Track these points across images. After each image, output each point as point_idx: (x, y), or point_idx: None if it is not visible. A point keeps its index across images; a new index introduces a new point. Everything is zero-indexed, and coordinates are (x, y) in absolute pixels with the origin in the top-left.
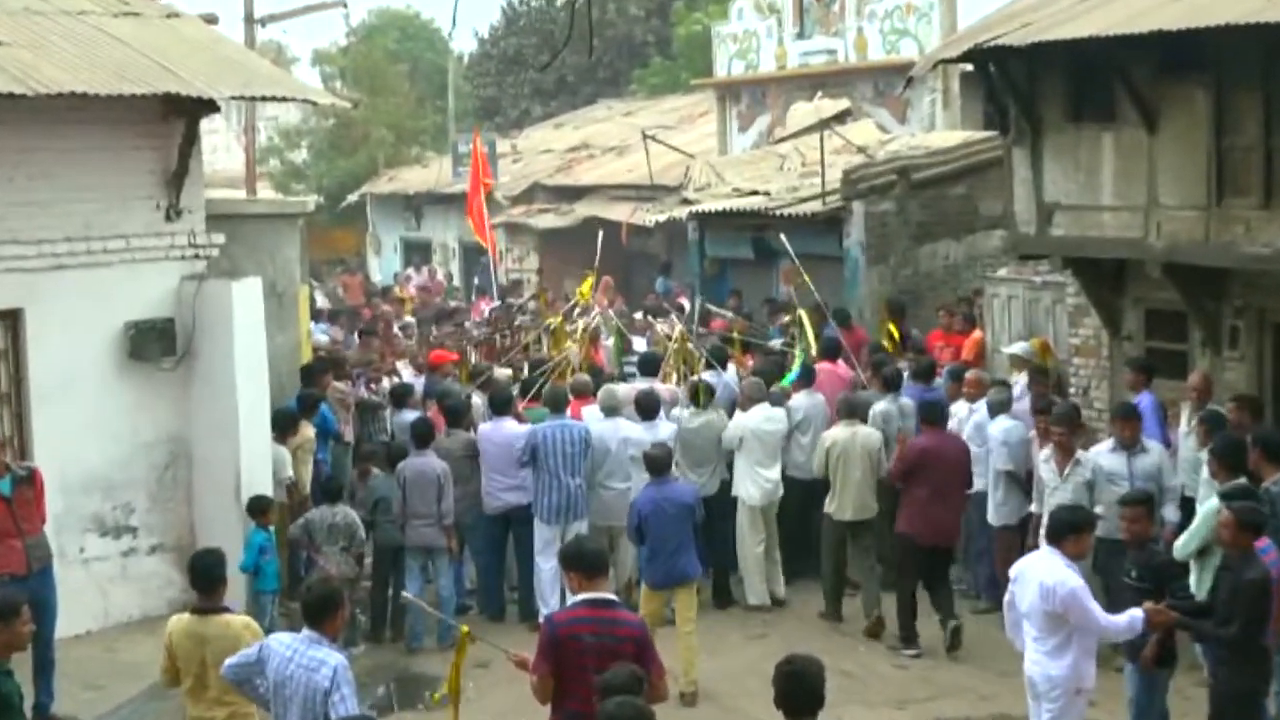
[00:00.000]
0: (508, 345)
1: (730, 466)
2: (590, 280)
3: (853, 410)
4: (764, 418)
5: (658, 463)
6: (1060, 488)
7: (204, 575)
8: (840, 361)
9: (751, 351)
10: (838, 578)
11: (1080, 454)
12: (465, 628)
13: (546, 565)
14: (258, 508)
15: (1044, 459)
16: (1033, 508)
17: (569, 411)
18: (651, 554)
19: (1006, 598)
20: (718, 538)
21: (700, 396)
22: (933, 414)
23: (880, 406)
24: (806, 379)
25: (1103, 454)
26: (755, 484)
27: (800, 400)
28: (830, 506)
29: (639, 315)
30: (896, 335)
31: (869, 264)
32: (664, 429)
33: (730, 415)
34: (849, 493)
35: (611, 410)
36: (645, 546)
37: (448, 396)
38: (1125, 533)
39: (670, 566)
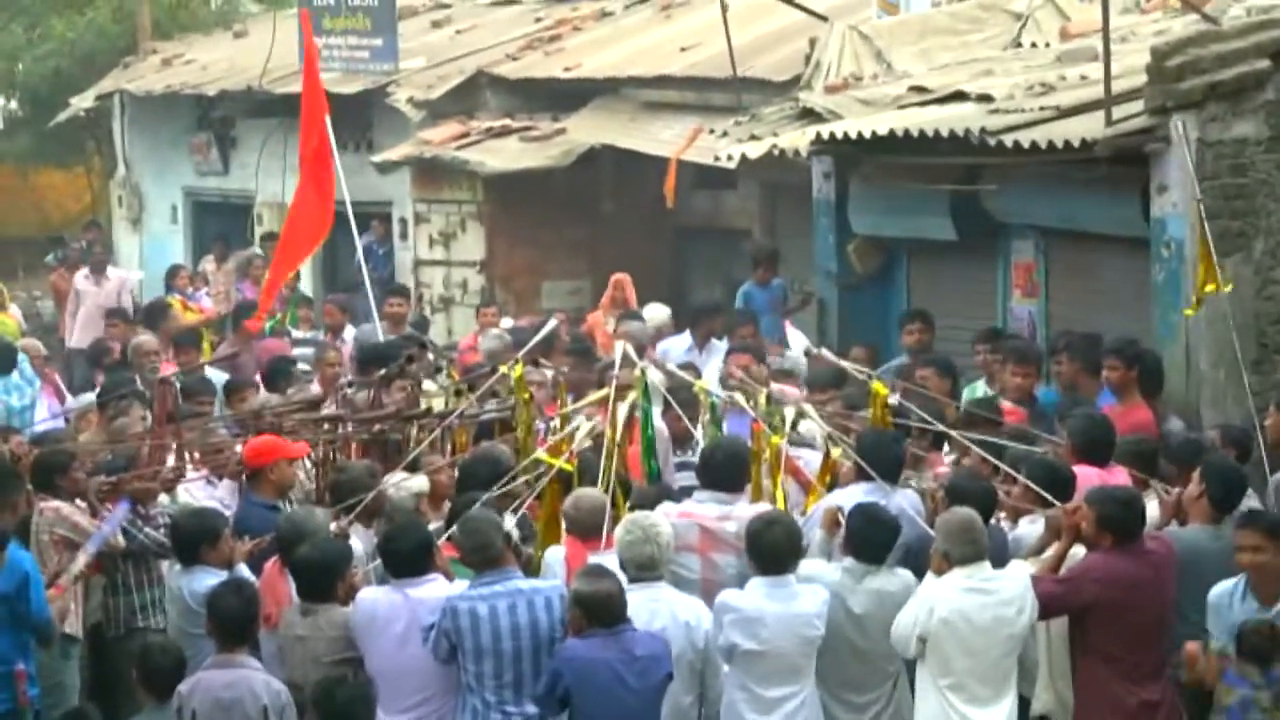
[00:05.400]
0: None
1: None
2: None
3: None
4: (977, 590)
5: (604, 605)
6: None
7: None
8: (1119, 469)
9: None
10: None
11: None
12: None
13: None
14: None
15: None
16: None
17: (556, 563)
18: None
19: None
20: None
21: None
22: (1124, 515)
23: None
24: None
25: None
26: None
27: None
28: None
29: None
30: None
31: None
32: (808, 599)
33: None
34: None
35: (645, 566)
36: None
37: (296, 538)
38: None
39: None
